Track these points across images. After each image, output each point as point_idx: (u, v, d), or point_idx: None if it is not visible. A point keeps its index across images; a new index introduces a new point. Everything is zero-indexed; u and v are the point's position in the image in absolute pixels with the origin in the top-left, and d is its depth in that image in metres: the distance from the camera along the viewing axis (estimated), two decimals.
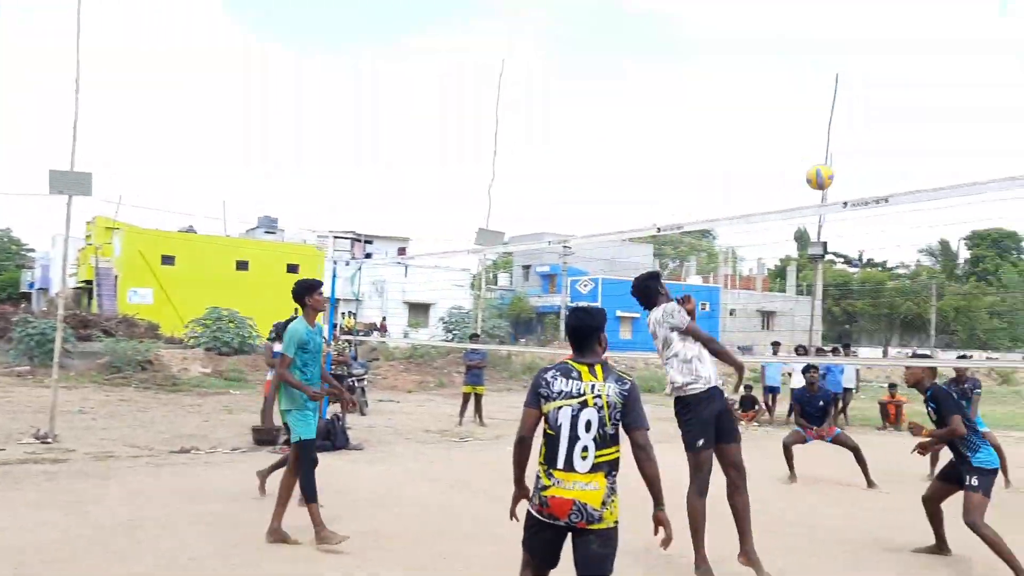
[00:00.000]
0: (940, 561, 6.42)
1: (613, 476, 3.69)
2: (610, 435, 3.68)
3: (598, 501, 3.62)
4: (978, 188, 5.53)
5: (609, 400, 3.69)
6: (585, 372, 3.76)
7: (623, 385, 3.74)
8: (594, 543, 3.64)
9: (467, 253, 24.13)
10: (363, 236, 47.83)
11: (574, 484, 3.63)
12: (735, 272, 56.32)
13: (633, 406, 3.73)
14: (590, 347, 3.87)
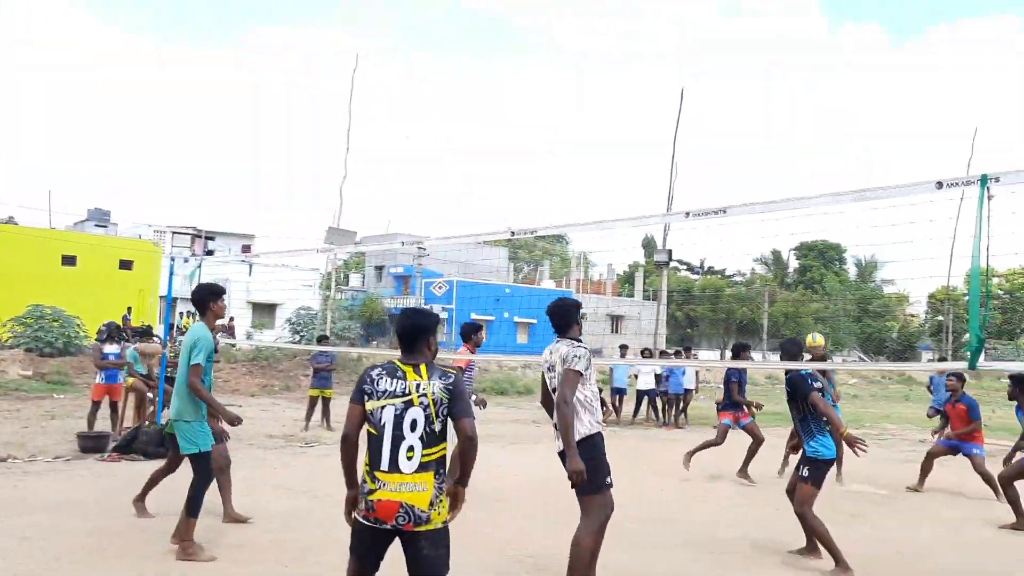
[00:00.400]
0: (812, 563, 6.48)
1: (441, 475, 3.67)
2: (437, 432, 3.67)
3: (425, 502, 3.58)
4: (805, 202, 5.89)
5: (435, 397, 3.68)
6: (410, 372, 3.75)
7: (447, 380, 3.74)
8: (424, 546, 3.61)
9: (316, 252, 23.58)
10: (204, 232, 45.83)
11: (400, 486, 3.58)
12: (586, 277, 57.83)
13: (458, 398, 3.72)
14: (419, 349, 3.87)
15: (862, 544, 7.16)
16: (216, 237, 46.19)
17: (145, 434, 10.21)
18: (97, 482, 8.44)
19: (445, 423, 3.70)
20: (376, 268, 51.56)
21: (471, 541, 6.70)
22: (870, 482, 10.62)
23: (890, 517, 8.48)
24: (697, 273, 69.79)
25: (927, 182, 5.03)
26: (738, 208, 6.23)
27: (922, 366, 16.51)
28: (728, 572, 6.16)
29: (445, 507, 3.67)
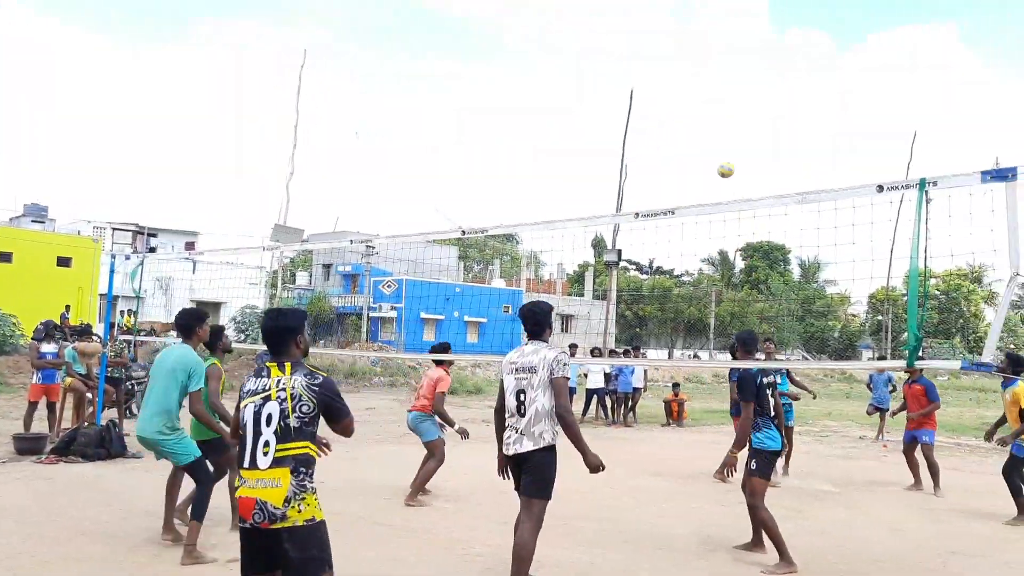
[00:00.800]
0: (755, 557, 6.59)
1: (302, 472, 3.58)
2: (294, 428, 3.60)
3: (280, 498, 3.49)
4: (751, 204, 5.99)
5: (293, 392, 3.64)
6: (274, 369, 3.77)
7: (313, 379, 3.73)
8: (289, 548, 3.50)
9: (263, 250, 23.25)
10: (146, 229, 44.86)
11: (256, 482, 3.54)
12: (537, 276, 58.01)
13: (330, 401, 3.73)
14: (286, 349, 3.85)
15: (805, 538, 7.32)
16: (159, 234, 45.24)
17: (84, 435, 9.97)
18: (34, 485, 8.22)
19: (304, 420, 3.63)
20: (324, 266, 51.02)
21: (420, 541, 6.69)
22: (813, 477, 10.85)
23: (831, 511, 8.68)
24: (646, 273, 70.50)
25: (868, 185, 5.16)
26: (686, 209, 6.31)
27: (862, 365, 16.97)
28: (677, 568, 6.24)
29: (309, 505, 3.56)
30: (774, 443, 6.40)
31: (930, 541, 7.46)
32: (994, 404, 28.21)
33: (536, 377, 5.05)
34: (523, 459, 5.03)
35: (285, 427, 3.58)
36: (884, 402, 15.70)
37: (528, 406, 5.04)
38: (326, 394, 3.71)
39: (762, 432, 6.41)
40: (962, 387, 37.88)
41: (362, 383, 25.91)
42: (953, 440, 16.45)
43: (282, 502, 3.49)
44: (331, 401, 3.74)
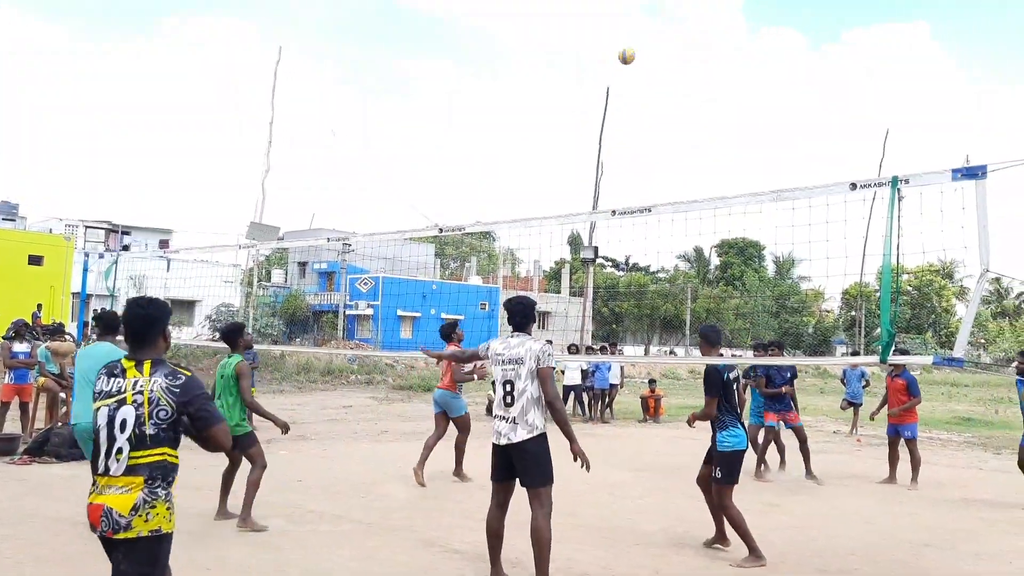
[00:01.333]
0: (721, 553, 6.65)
1: (158, 482, 3.34)
2: (150, 435, 3.34)
3: (127, 507, 3.28)
4: (727, 202, 6.06)
5: (151, 396, 3.35)
6: (131, 369, 3.44)
7: (175, 380, 3.40)
8: (120, 559, 3.32)
9: (239, 248, 23.09)
10: (120, 227, 44.39)
11: (108, 489, 3.33)
12: (513, 273, 58.04)
13: (198, 404, 3.41)
14: (149, 342, 3.54)
15: (780, 532, 7.41)
16: (132, 232, 44.78)
17: (58, 435, 9.86)
18: (8, 487, 8.13)
19: (169, 428, 3.37)
20: (299, 264, 50.72)
21: (397, 538, 6.70)
22: (786, 471, 10.97)
23: (806, 505, 8.79)
24: (622, 270, 70.76)
25: (842, 183, 5.23)
26: (663, 207, 6.38)
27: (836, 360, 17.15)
28: (654, 561, 6.30)
29: (159, 516, 3.33)
30: (739, 442, 6.32)
31: (903, 533, 7.57)
32: (965, 398, 28.64)
33: (524, 368, 5.25)
34: (518, 449, 5.18)
35: (140, 434, 3.33)
36: (857, 397, 15.89)
37: (517, 396, 5.22)
38: (187, 397, 3.38)
39: (727, 431, 6.33)
40: (933, 381, 38.38)
41: (339, 381, 25.82)
42: (925, 434, 16.68)
43: (129, 510, 3.28)
44: (193, 406, 3.40)
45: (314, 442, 12.69)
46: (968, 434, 17.04)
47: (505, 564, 5.58)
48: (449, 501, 8.27)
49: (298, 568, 5.76)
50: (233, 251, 33.95)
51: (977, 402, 26.47)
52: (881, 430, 16.93)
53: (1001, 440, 15.73)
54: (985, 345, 56.60)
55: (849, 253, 5.83)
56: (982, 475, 11.58)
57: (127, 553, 3.30)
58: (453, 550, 6.42)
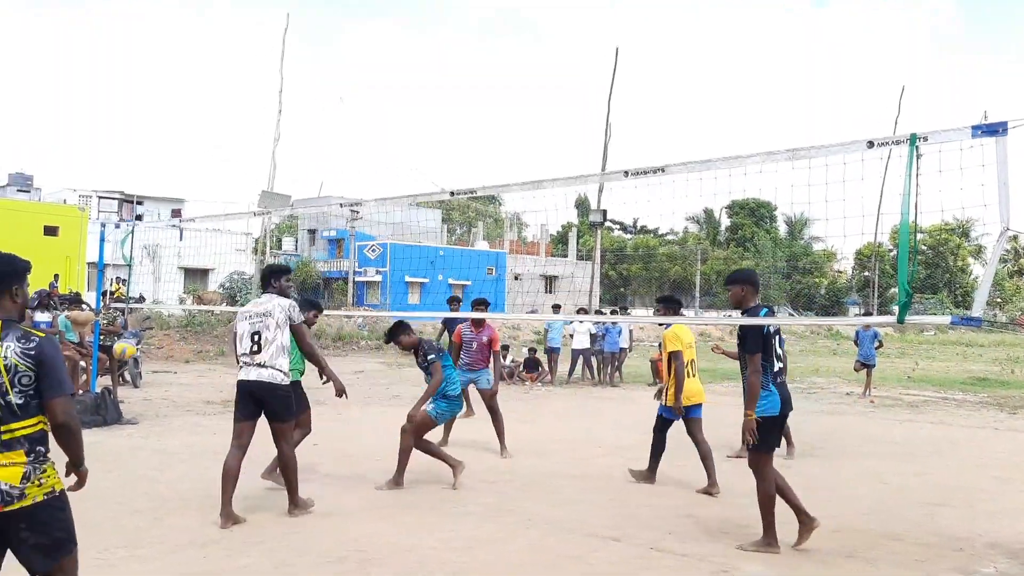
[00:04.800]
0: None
1: (39, 451, 3.15)
2: (18, 405, 3.10)
3: (17, 477, 3.08)
4: (741, 161, 5.98)
5: (7, 363, 3.09)
6: None
7: (27, 344, 3.14)
8: (24, 530, 3.10)
9: (252, 216, 23.10)
10: (133, 196, 44.47)
11: None
12: (520, 238, 57.91)
13: (47, 371, 3.13)
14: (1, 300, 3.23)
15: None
16: (144, 201, 44.87)
17: (79, 403, 9.97)
18: None
19: (29, 394, 3.13)
20: (309, 231, 50.78)
21: (409, 499, 6.76)
22: (796, 433, 10.99)
23: (818, 467, 8.81)
24: (630, 232, 70.48)
25: (859, 141, 5.16)
26: (676, 167, 6.30)
27: (850, 320, 17.12)
28: (664, 523, 6.34)
29: (48, 478, 3.16)
30: (771, 407, 5.56)
31: (917, 493, 7.60)
32: (980, 358, 28.57)
33: (272, 320, 6.03)
34: (268, 389, 5.98)
35: (6, 406, 3.08)
36: (871, 358, 15.88)
37: (265, 345, 6.00)
38: (40, 359, 3.12)
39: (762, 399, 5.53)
40: (948, 341, 38.35)
41: (350, 347, 25.96)
42: (940, 394, 16.69)
43: (20, 480, 3.07)
44: (43, 368, 3.12)
45: (328, 407, 12.79)
46: (983, 394, 17.03)
47: None
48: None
49: (318, 527, 5.84)
50: (245, 220, 33.95)
51: (993, 362, 26.39)
52: (896, 391, 17.01)
53: (1017, 400, 15.73)
54: (1002, 304, 56.30)
55: (866, 213, 5.77)
56: (997, 435, 11.58)
57: (30, 524, 3.11)
58: (467, 512, 6.49)
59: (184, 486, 7.10)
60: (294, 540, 5.56)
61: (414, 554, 5.34)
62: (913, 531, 6.25)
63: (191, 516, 6.11)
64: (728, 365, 11.18)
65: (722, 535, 6.01)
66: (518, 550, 5.52)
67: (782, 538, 5.69)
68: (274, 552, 5.32)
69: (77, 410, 9.95)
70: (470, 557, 5.33)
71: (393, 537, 5.70)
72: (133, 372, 14.24)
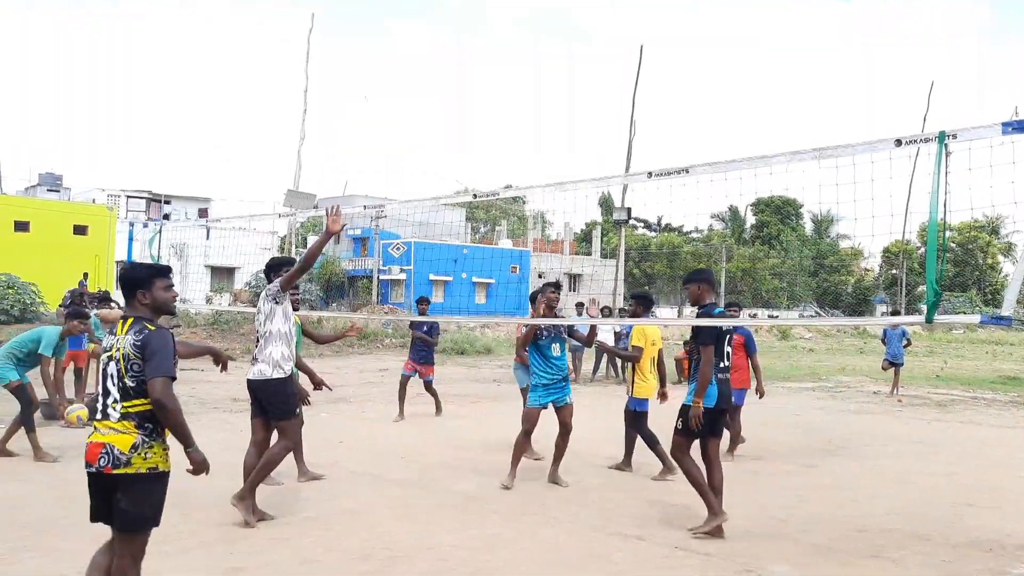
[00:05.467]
0: None
1: (149, 427, 3.67)
2: (131, 388, 3.68)
3: (127, 445, 3.62)
4: (767, 161, 5.95)
5: (124, 353, 3.71)
6: (120, 326, 3.83)
7: (138, 336, 3.72)
8: (122, 496, 3.62)
9: (278, 216, 23.28)
10: (161, 196, 44.97)
11: (107, 431, 3.67)
12: (544, 236, 57.86)
13: (148, 356, 3.68)
14: (131, 302, 3.89)
15: (817, 492, 7.42)
16: (172, 201, 45.37)
17: None
18: (62, 448, 8.36)
19: (140, 379, 3.69)
20: None
21: (432, 495, 6.79)
22: (822, 432, 10.93)
23: (844, 466, 8.75)
24: (654, 230, 70.16)
25: (886, 139, 5.12)
26: (701, 167, 6.27)
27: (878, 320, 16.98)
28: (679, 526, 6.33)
29: (155, 455, 3.67)
30: (708, 399, 5.92)
31: (944, 493, 7.52)
32: (1009, 357, 28.17)
33: (261, 314, 6.02)
34: (255, 384, 6.02)
35: (124, 387, 3.69)
36: (899, 357, 15.73)
37: (260, 339, 6.03)
38: (144, 347, 3.69)
39: (696, 385, 5.98)
40: (977, 340, 37.83)
41: (375, 345, 26.07)
42: (970, 394, 16.49)
43: (129, 448, 3.62)
44: (145, 354, 3.69)
45: (354, 404, 12.91)
46: (1014, 393, 16.80)
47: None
48: (482, 463, 8.35)
49: (343, 525, 5.89)
50: (271, 219, 34.23)
51: (1023, 361, 26.03)
52: (924, 390, 16.82)
53: None
54: None
55: (894, 211, 5.72)
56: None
57: (126, 490, 3.61)
58: (491, 510, 6.52)
59: (211, 483, 7.14)
60: (319, 537, 5.62)
61: (437, 552, 5.37)
62: (941, 531, 6.19)
63: (218, 512, 6.17)
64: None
65: (746, 534, 5.99)
66: (541, 549, 5.54)
67: (813, 540, 5.66)
68: (300, 549, 5.38)
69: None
70: (493, 556, 5.35)
71: (417, 535, 5.73)
72: None
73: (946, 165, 4.73)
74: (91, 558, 3.81)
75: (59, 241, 30.21)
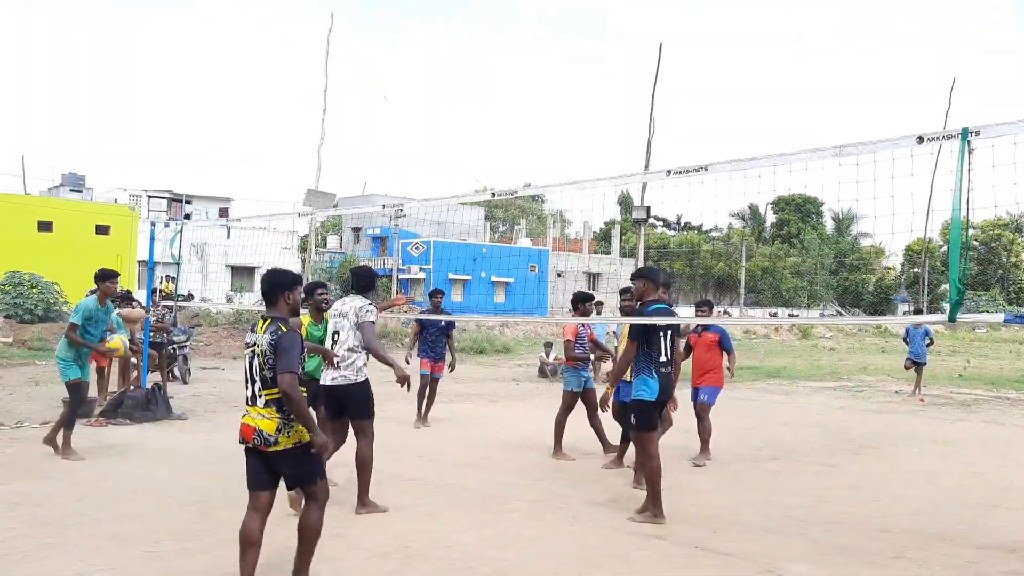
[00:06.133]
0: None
1: (286, 411, 4.33)
2: (270, 378, 4.35)
3: (272, 429, 4.35)
4: (786, 158, 5.92)
5: (262, 349, 4.37)
6: (259, 325, 4.47)
7: (273, 335, 4.35)
8: (282, 466, 4.43)
9: (298, 216, 23.39)
10: (182, 196, 45.33)
11: (256, 416, 4.40)
12: (563, 235, 57.76)
13: (278, 354, 4.31)
14: (273, 303, 4.52)
15: (838, 491, 7.36)
16: (193, 201, 45.72)
17: (131, 399, 10.21)
18: (84, 447, 8.45)
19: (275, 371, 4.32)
20: (353, 230, 51.25)
21: (451, 494, 6.80)
22: (843, 432, 10.84)
23: (867, 465, 8.68)
24: (674, 229, 69.89)
25: (908, 136, 5.07)
26: (719, 165, 6.24)
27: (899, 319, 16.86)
28: (705, 525, 6.30)
29: (297, 432, 4.36)
30: (650, 393, 6.20)
31: (969, 494, 7.44)
32: None
33: (347, 320, 6.31)
34: (342, 390, 6.27)
35: (264, 378, 4.37)
36: (921, 356, 15.58)
37: (340, 344, 6.30)
38: (281, 349, 4.30)
39: (639, 378, 6.28)
40: (1001, 339, 37.40)
41: (394, 343, 26.15)
42: (993, 393, 16.31)
43: (274, 431, 4.33)
44: (282, 356, 4.29)
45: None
46: None
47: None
48: (501, 462, 8.36)
49: (362, 524, 5.91)
50: (290, 218, 34.44)
51: None
52: (947, 389, 16.66)
53: None
54: None
55: (915, 209, 5.66)
56: None
57: (282, 461, 4.41)
58: (511, 508, 6.52)
59: (231, 481, 7.20)
60: (338, 536, 5.63)
61: (457, 550, 5.38)
62: (965, 532, 6.12)
63: (238, 511, 6.17)
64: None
65: (767, 534, 5.95)
66: (561, 548, 5.53)
67: (835, 540, 5.61)
68: (320, 547, 5.38)
69: (129, 405, 10.20)
70: (513, 554, 5.35)
71: (436, 533, 5.74)
72: (183, 368, 14.52)
73: (968, 162, 4.67)
74: (243, 528, 4.48)
75: (82, 241, 30.50)
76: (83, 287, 13.01)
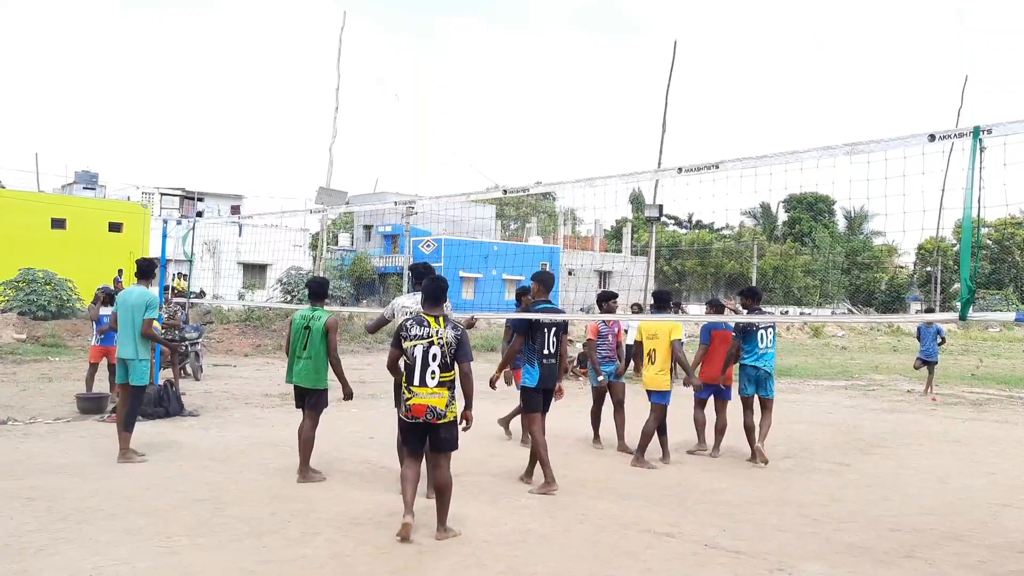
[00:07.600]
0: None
1: (452, 391, 5.52)
2: (448, 363, 5.49)
3: (443, 404, 5.46)
4: (798, 156, 5.91)
5: (449, 341, 5.50)
6: (432, 321, 5.54)
7: (456, 331, 5.57)
8: (442, 431, 5.52)
9: (310, 213, 23.43)
10: (194, 193, 45.51)
11: (427, 395, 5.43)
12: (574, 233, 57.70)
13: (462, 346, 5.56)
14: (441, 303, 5.65)
15: (852, 491, 7.35)
16: (205, 198, 45.89)
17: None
18: (98, 443, 8.52)
19: (454, 360, 5.50)
20: (365, 227, 51.36)
21: (461, 488, 6.82)
22: (855, 431, 10.81)
23: (878, 464, 8.66)
24: (685, 227, 69.72)
25: (919, 135, 5.06)
26: (731, 163, 6.24)
27: (911, 318, 16.82)
28: (710, 524, 6.30)
29: (456, 407, 5.56)
30: (531, 380, 7.10)
31: (980, 493, 7.42)
32: None
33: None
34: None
35: (444, 363, 5.47)
36: (932, 355, 15.50)
37: None
38: (462, 343, 5.54)
39: (524, 368, 7.18)
40: (1014, 339, 37.14)
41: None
42: (1005, 392, 16.22)
43: (445, 406, 5.46)
44: (463, 348, 5.56)
45: (384, 400, 12.95)
46: None
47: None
48: (513, 459, 8.37)
49: (374, 520, 5.94)
50: (302, 216, 34.55)
51: None
52: (959, 388, 16.58)
53: None
54: None
55: (927, 207, 5.64)
56: None
57: (443, 430, 5.50)
58: (522, 506, 6.54)
59: (243, 477, 7.27)
60: (350, 532, 5.67)
61: (469, 547, 5.40)
62: (976, 531, 6.11)
63: (250, 506, 6.26)
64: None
65: (778, 532, 5.95)
66: (572, 545, 5.55)
67: (846, 539, 5.60)
68: (331, 543, 5.43)
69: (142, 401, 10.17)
70: (524, 551, 5.37)
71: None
72: (195, 365, 14.59)
73: (981, 161, 4.66)
74: (406, 472, 5.58)
75: (95, 238, 30.65)
76: (95, 283, 13.10)
